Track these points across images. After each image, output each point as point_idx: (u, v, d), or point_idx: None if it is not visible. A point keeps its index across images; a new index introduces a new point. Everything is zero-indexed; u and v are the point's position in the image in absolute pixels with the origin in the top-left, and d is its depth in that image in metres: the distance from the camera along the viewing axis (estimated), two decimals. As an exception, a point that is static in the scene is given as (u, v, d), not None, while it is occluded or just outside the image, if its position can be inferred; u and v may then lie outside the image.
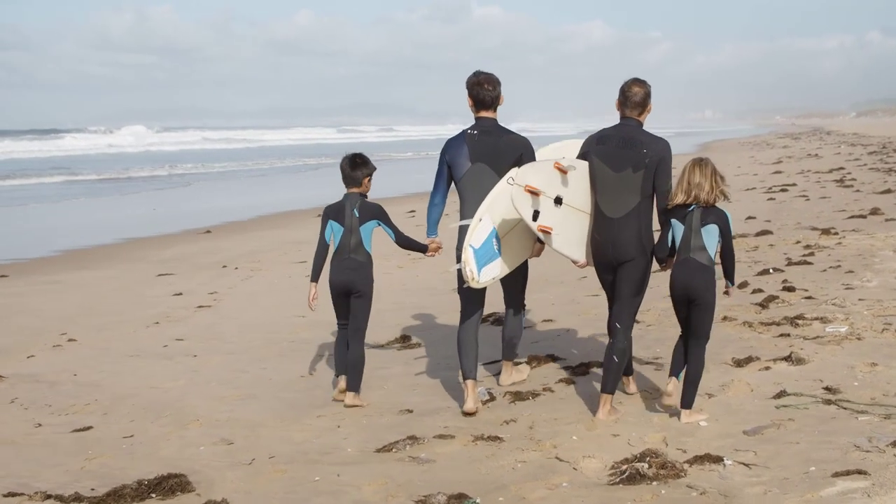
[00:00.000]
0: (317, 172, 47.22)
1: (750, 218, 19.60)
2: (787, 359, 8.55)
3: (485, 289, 7.83)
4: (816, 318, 9.98)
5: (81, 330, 12.01)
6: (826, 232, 16.54)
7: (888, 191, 23.47)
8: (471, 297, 7.92)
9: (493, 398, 8.11)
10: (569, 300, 12.11)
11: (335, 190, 8.54)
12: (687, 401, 7.18)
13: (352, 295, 8.13)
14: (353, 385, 8.19)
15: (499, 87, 7.84)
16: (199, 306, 13.31)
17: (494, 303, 12.05)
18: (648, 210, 7.33)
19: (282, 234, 21.36)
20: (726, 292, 7.42)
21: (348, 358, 8.17)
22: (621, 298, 7.42)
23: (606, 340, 9.82)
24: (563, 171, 7.33)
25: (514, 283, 8.18)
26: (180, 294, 14.33)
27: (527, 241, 7.79)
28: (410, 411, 8.01)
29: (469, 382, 7.78)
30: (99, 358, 10.53)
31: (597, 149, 7.37)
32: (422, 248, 8.20)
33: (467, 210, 7.76)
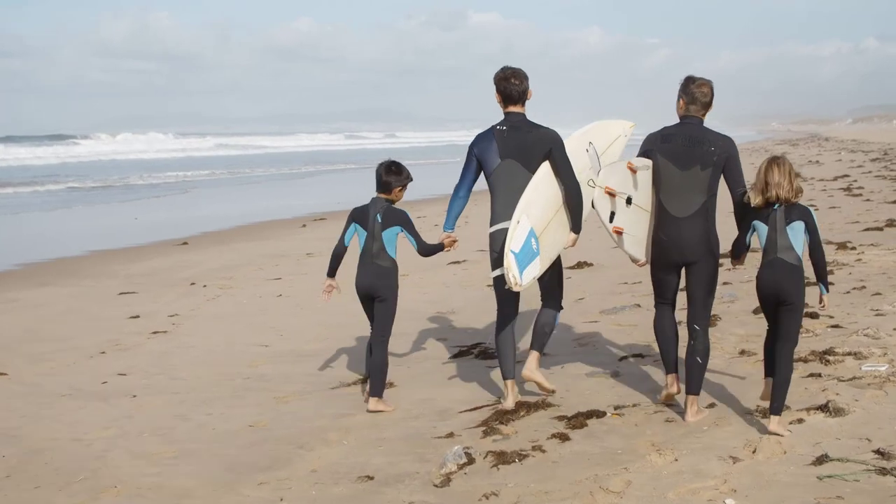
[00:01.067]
0: (315, 179, 45.83)
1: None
2: (824, 409, 7.07)
3: (519, 292, 7.58)
4: (849, 353, 8.50)
5: (17, 360, 10.52)
6: (843, 246, 15.05)
7: (901, 200, 22.05)
8: (508, 301, 7.77)
9: (471, 461, 6.59)
10: (563, 327, 10.58)
11: (328, 200, 7.15)
12: (776, 407, 6.72)
13: (375, 300, 7.97)
14: (376, 390, 8.02)
15: (526, 82, 7.66)
16: (154, 332, 11.81)
17: (479, 334, 10.61)
18: (714, 208, 7.19)
19: (261, 247, 19.88)
20: (822, 304, 6.99)
21: (371, 363, 8.02)
22: (696, 300, 7.24)
23: (609, 380, 8.46)
24: (634, 171, 7.24)
25: (552, 279, 7.85)
26: (137, 317, 12.83)
27: (562, 233, 7.66)
28: (371, 478, 6.46)
29: (509, 382, 7.74)
30: (25, 397, 9.04)
31: (662, 147, 7.22)
32: (439, 248, 8.00)
33: (498, 206, 7.59)
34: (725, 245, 7.34)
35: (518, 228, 7.24)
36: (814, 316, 10.06)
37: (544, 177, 7.48)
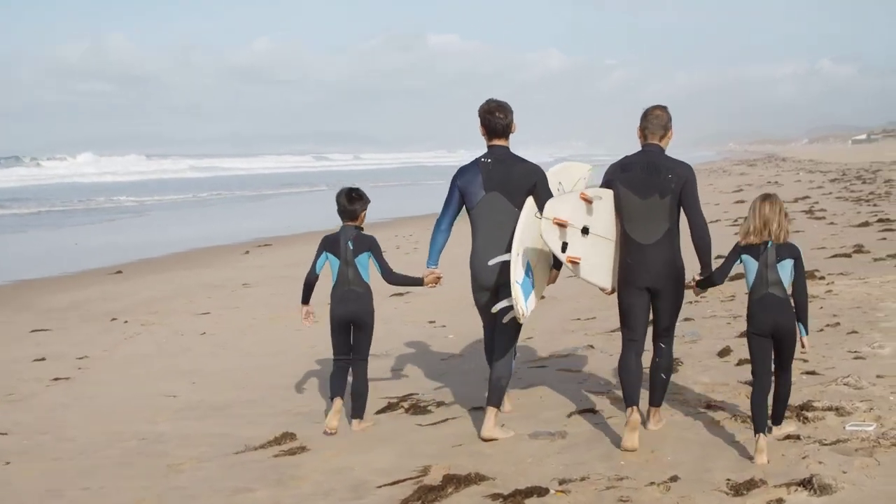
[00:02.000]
0: (274, 202, 44.48)
1: (719, 256, 16.92)
2: (807, 485, 5.83)
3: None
4: (830, 409, 7.31)
5: None
6: (811, 276, 13.91)
7: (866, 223, 20.99)
8: (490, 324, 7.70)
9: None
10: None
11: (279, 224, 5.88)
12: (778, 416, 6.96)
13: (353, 326, 7.82)
14: (359, 412, 7.97)
15: (510, 115, 7.55)
16: (56, 379, 10.47)
17: (412, 383, 9.34)
18: (678, 234, 7.11)
19: (198, 276, 18.57)
20: (803, 347, 6.85)
21: (353, 388, 7.89)
22: (662, 322, 7.22)
23: (555, 443, 7.21)
24: (589, 201, 7.11)
25: (511, 322, 7.49)
26: (43, 359, 11.47)
27: (547, 269, 7.63)
28: (256, 584, 5.20)
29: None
30: None
31: (622, 176, 7.14)
32: (417, 282, 7.80)
33: (481, 239, 7.46)
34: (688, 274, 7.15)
35: (518, 261, 7.13)
36: (786, 360, 8.93)
37: (531, 213, 7.34)
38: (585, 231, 7.12)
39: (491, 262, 7.37)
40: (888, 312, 11.03)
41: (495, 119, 7.49)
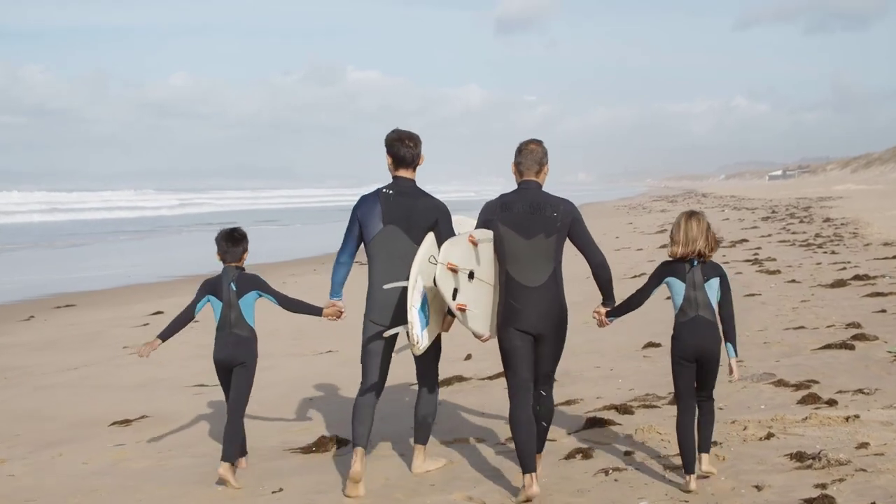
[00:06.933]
0: (139, 244, 37.55)
1: (651, 345, 10.70)
2: None
3: (388, 363, 6.91)
4: None
5: None
6: (810, 396, 7.73)
7: (841, 283, 14.86)
8: (375, 368, 6.88)
9: None
10: None
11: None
12: (705, 444, 6.44)
13: (234, 367, 7.15)
14: (229, 455, 7.01)
15: (419, 146, 6.99)
16: None
17: None
18: (561, 274, 6.52)
19: None
20: (732, 374, 6.39)
21: (225, 432, 7.09)
22: (544, 370, 6.57)
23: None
24: (475, 244, 6.56)
25: (427, 355, 6.88)
26: None
27: (442, 311, 6.85)
28: None
29: (359, 450, 6.68)
30: None
31: (503, 216, 6.56)
32: (315, 312, 7.17)
33: (376, 273, 6.85)
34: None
35: (416, 288, 6.45)
36: None
37: (430, 247, 6.61)
38: (471, 276, 6.52)
39: (386, 287, 6.69)
40: None
41: (404, 148, 6.87)
